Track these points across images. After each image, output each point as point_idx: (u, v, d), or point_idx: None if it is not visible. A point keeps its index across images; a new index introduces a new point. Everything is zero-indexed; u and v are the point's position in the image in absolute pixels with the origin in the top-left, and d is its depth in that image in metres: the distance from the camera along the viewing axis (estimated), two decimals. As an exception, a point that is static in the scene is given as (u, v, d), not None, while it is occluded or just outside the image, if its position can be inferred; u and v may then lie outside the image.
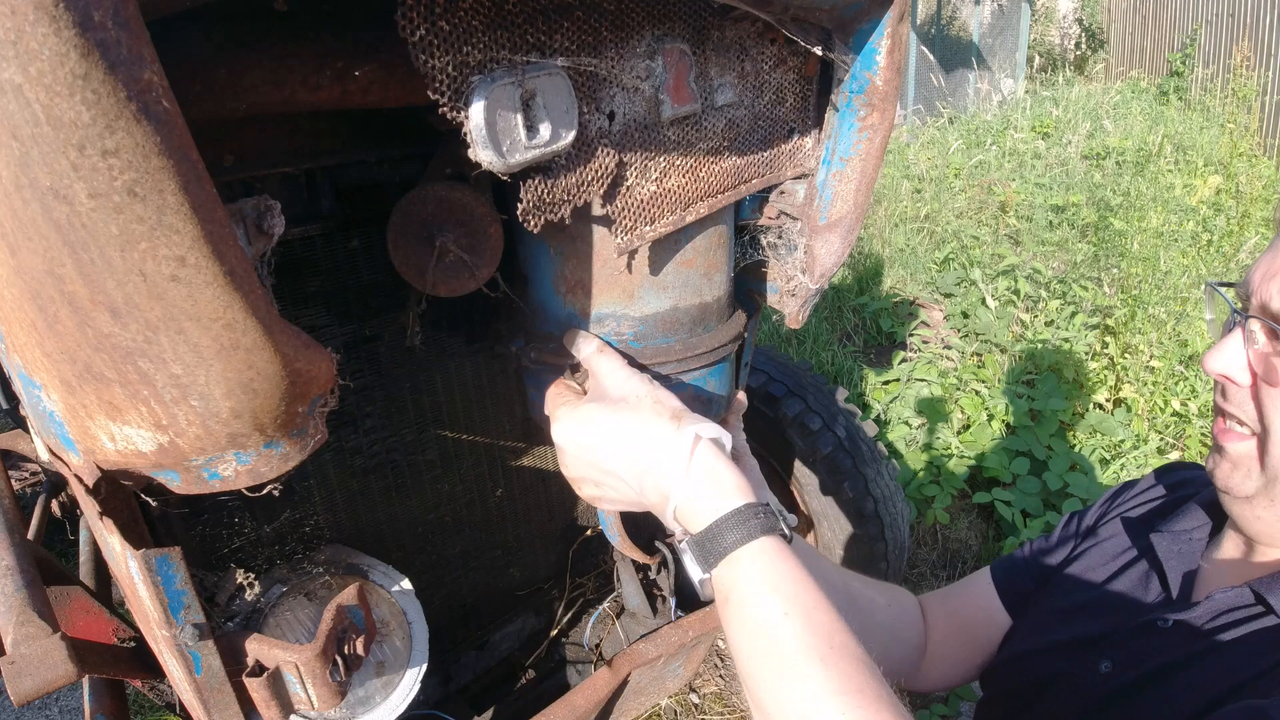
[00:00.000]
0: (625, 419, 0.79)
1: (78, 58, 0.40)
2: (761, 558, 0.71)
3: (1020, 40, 10.88)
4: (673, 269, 0.94)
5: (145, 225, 0.47)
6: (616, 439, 0.79)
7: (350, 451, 1.23)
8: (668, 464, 0.76)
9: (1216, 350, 0.83)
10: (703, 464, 0.76)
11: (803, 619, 0.67)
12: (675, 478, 0.75)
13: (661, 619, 1.68)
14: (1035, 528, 2.82)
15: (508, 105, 0.69)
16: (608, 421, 0.80)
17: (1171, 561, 0.94)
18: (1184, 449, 3.27)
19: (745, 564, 0.71)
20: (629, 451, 0.78)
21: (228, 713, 0.86)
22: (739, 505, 0.73)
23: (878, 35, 0.92)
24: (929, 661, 1.17)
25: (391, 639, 1.11)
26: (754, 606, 0.69)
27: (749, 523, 0.72)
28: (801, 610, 0.67)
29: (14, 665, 0.84)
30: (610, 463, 0.80)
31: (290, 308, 1.06)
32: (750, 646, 0.68)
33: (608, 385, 0.85)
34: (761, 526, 0.72)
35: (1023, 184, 6.13)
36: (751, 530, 0.72)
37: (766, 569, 0.70)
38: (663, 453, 0.76)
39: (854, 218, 1.06)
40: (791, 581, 0.69)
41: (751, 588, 0.70)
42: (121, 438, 0.62)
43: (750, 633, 0.68)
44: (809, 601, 0.68)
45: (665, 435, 0.77)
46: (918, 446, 3.29)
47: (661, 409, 0.79)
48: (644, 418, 0.79)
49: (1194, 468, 1.12)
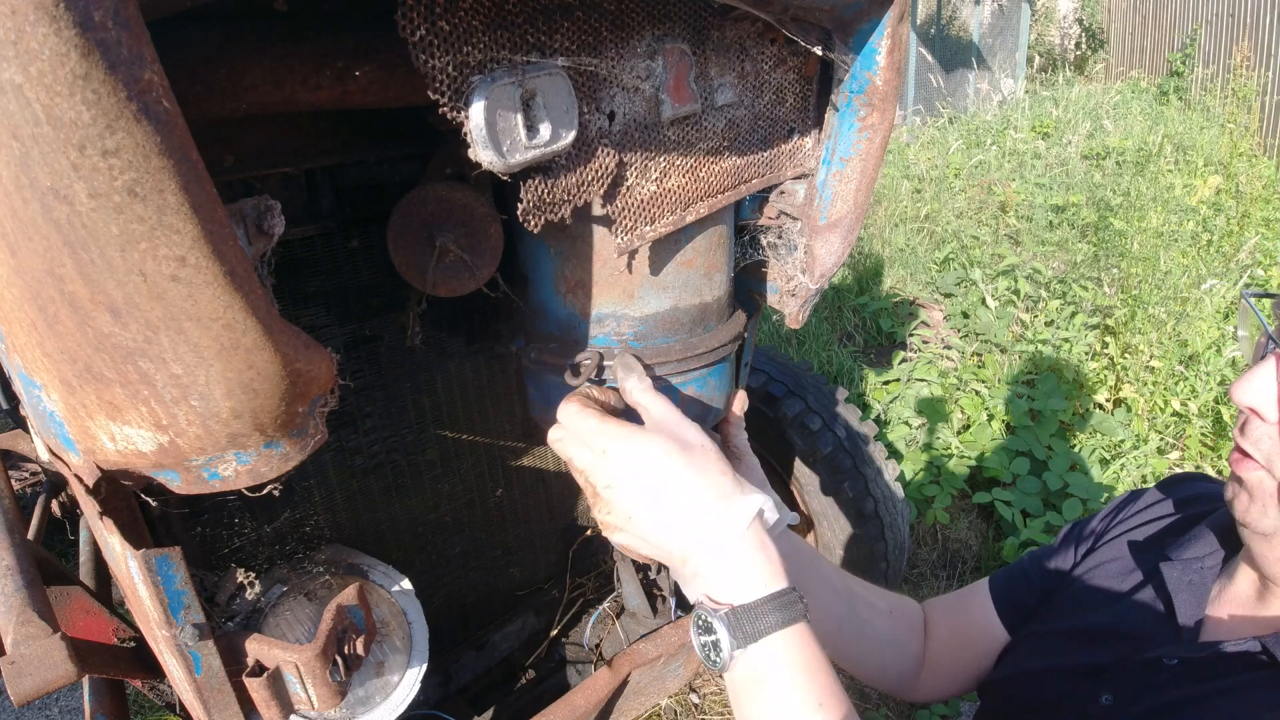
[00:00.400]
0: (690, 463, 0.76)
1: (78, 58, 0.40)
2: (802, 645, 0.71)
3: (1020, 40, 10.88)
4: (673, 269, 0.94)
5: (145, 225, 0.47)
6: (678, 480, 0.75)
7: (350, 451, 1.23)
8: (724, 524, 0.74)
9: (1246, 379, 0.77)
10: (756, 534, 0.74)
11: (834, 710, 0.69)
12: (725, 541, 0.73)
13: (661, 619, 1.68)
14: (1035, 528, 2.82)
15: (508, 105, 0.69)
16: (673, 459, 0.76)
17: (1181, 595, 0.90)
18: (1184, 449, 3.27)
19: (785, 648, 0.71)
20: (686, 497, 0.75)
21: (228, 713, 0.86)
22: (783, 588, 0.73)
23: (878, 35, 0.92)
24: (926, 671, 1.15)
25: (391, 639, 1.11)
26: (789, 692, 0.69)
27: (793, 607, 0.72)
28: (833, 704, 0.69)
29: (14, 665, 0.84)
30: (659, 500, 0.76)
31: (290, 308, 1.06)
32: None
33: (665, 425, 0.80)
34: (801, 613, 0.72)
35: (1023, 184, 6.13)
36: (794, 615, 0.71)
37: (805, 657, 0.71)
38: (722, 511, 0.74)
39: (854, 218, 1.06)
40: (826, 673, 0.71)
41: (790, 673, 0.70)
42: (121, 438, 0.62)
43: (776, 715, 0.69)
44: (839, 697, 0.70)
45: (729, 494, 0.75)
46: (918, 446, 3.29)
47: (725, 467, 0.77)
48: (709, 468, 0.76)
49: (1204, 480, 1.07)
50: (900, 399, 3.52)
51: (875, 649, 1.11)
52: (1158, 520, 1.04)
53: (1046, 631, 1.03)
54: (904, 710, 2.32)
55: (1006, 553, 2.78)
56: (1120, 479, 3.09)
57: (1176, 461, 3.24)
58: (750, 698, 0.71)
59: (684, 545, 0.75)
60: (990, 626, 1.11)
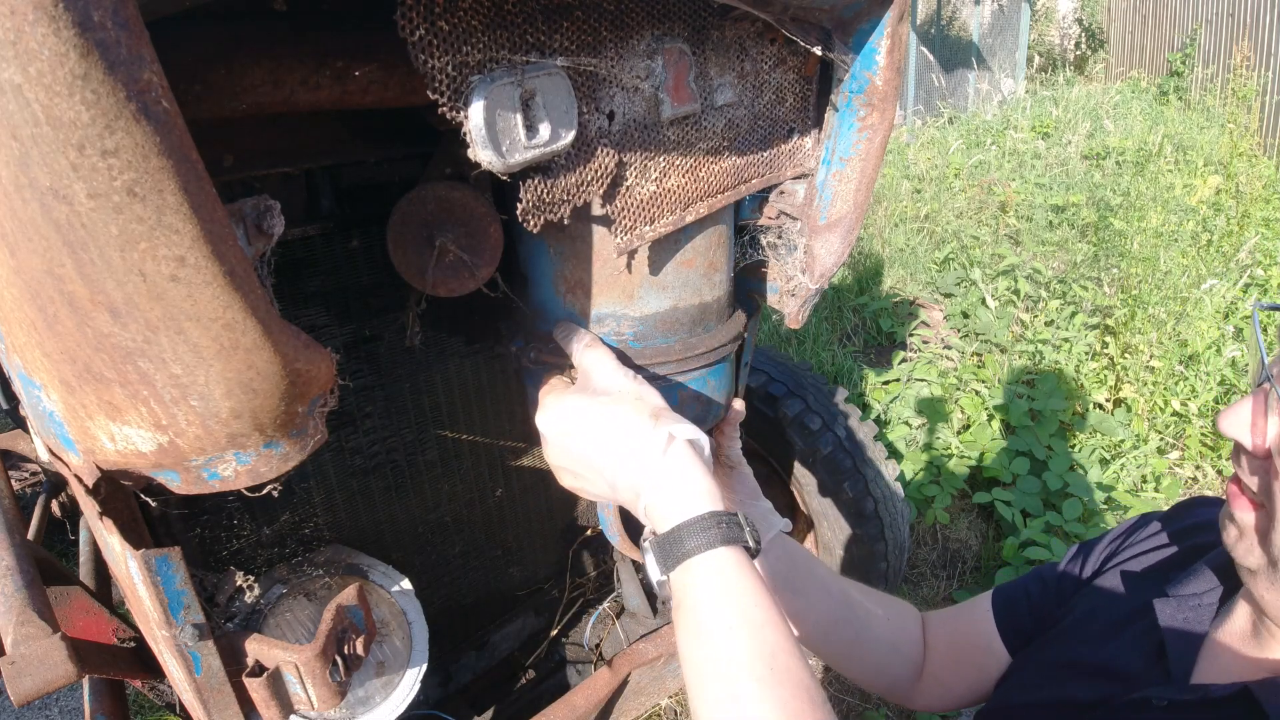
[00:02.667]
0: (604, 411, 0.80)
1: (77, 58, 0.40)
2: (718, 567, 0.71)
3: (1020, 40, 10.88)
4: (672, 269, 0.94)
5: (145, 225, 0.47)
6: (594, 430, 0.80)
7: (350, 451, 1.23)
8: (640, 460, 0.76)
9: (1233, 411, 0.76)
10: (675, 464, 0.76)
11: (749, 635, 0.67)
12: (646, 474, 0.76)
13: (661, 619, 1.68)
14: (1035, 528, 2.82)
15: (507, 105, 0.69)
16: (587, 412, 0.81)
17: (1174, 633, 0.87)
18: (1184, 449, 3.27)
19: (701, 571, 0.71)
20: (605, 444, 0.79)
21: (228, 713, 0.86)
22: (703, 512, 0.73)
23: (877, 35, 0.92)
24: (925, 681, 1.14)
25: (391, 639, 1.11)
26: (703, 615, 0.69)
27: (710, 531, 0.72)
28: (750, 626, 0.67)
29: (14, 665, 0.84)
30: (587, 453, 0.80)
31: (290, 308, 1.06)
32: (694, 655, 0.68)
33: (594, 379, 0.85)
34: (723, 536, 0.72)
35: (1023, 184, 6.13)
36: (712, 539, 0.72)
37: (721, 580, 0.70)
38: (637, 448, 0.77)
39: (854, 218, 1.06)
40: (744, 595, 0.69)
41: (703, 596, 0.70)
42: (121, 438, 0.62)
43: (696, 641, 0.69)
44: (759, 618, 0.68)
45: (641, 431, 0.77)
46: (918, 446, 3.29)
47: (642, 406, 0.80)
48: (623, 411, 0.79)
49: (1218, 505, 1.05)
50: (900, 399, 3.52)
51: (872, 653, 1.10)
52: (1163, 548, 1.01)
53: (1040, 662, 1.00)
54: (904, 710, 2.32)
55: (1006, 553, 2.79)
56: (1120, 479, 3.09)
57: (1176, 461, 3.24)
58: (676, 625, 0.71)
59: (622, 486, 0.78)
60: (991, 643, 1.10)
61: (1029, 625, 1.08)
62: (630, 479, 0.77)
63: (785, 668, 0.66)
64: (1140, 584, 0.98)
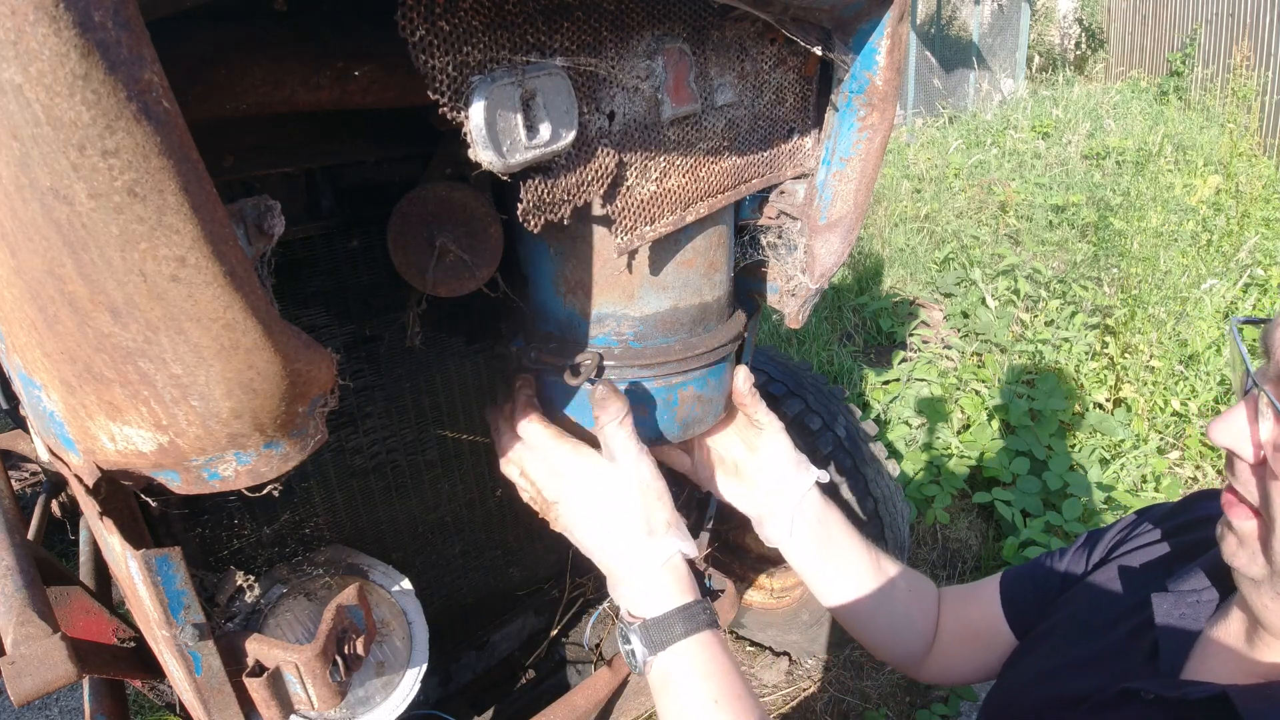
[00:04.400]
0: (630, 496, 0.89)
1: (78, 58, 0.40)
2: (702, 650, 0.83)
3: (1020, 40, 10.88)
4: (673, 269, 0.94)
5: (145, 225, 0.47)
6: (615, 507, 0.89)
7: (350, 451, 1.23)
8: (645, 556, 0.88)
9: (1224, 420, 0.76)
10: (670, 572, 0.88)
11: (728, 709, 0.80)
12: (640, 571, 0.88)
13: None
14: (1035, 527, 2.82)
15: (508, 105, 0.69)
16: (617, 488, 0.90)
17: (1169, 628, 0.88)
18: (1184, 449, 3.27)
19: (688, 653, 0.83)
20: (618, 525, 0.89)
21: (228, 713, 0.86)
22: (688, 601, 0.86)
23: (877, 35, 0.92)
24: (933, 656, 1.16)
25: (391, 639, 1.11)
26: (690, 691, 0.82)
27: (697, 617, 0.85)
28: (729, 701, 0.81)
29: (14, 665, 0.84)
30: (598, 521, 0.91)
31: (290, 308, 1.06)
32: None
33: (621, 458, 0.91)
34: (706, 622, 0.85)
35: (1023, 184, 6.13)
36: (699, 623, 0.84)
37: (706, 659, 0.83)
38: (641, 549, 0.88)
39: (854, 218, 1.06)
40: (725, 674, 0.83)
41: (690, 674, 0.83)
42: (121, 438, 0.62)
43: (681, 714, 0.82)
44: (737, 693, 0.82)
45: (655, 533, 0.89)
46: (918, 446, 3.29)
47: (661, 506, 0.90)
48: (647, 505, 0.89)
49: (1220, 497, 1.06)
50: (900, 399, 3.52)
51: (889, 624, 1.13)
52: (1164, 542, 1.02)
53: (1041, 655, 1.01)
54: (904, 710, 2.32)
55: (1006, 552, 2.79)
56: (1120, 479, 3.09)
57: (1176, 461, 3.24)
58: (661, 695, 0.84)
59: (613, 564, 0.90)
60: (998, 625, 1.12)
61: (1034, 612, 1.10)
62: (628, 565, 0.89)
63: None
64: (1141, 577, 0.98)
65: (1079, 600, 1.03)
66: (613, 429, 0.89)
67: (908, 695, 2.36)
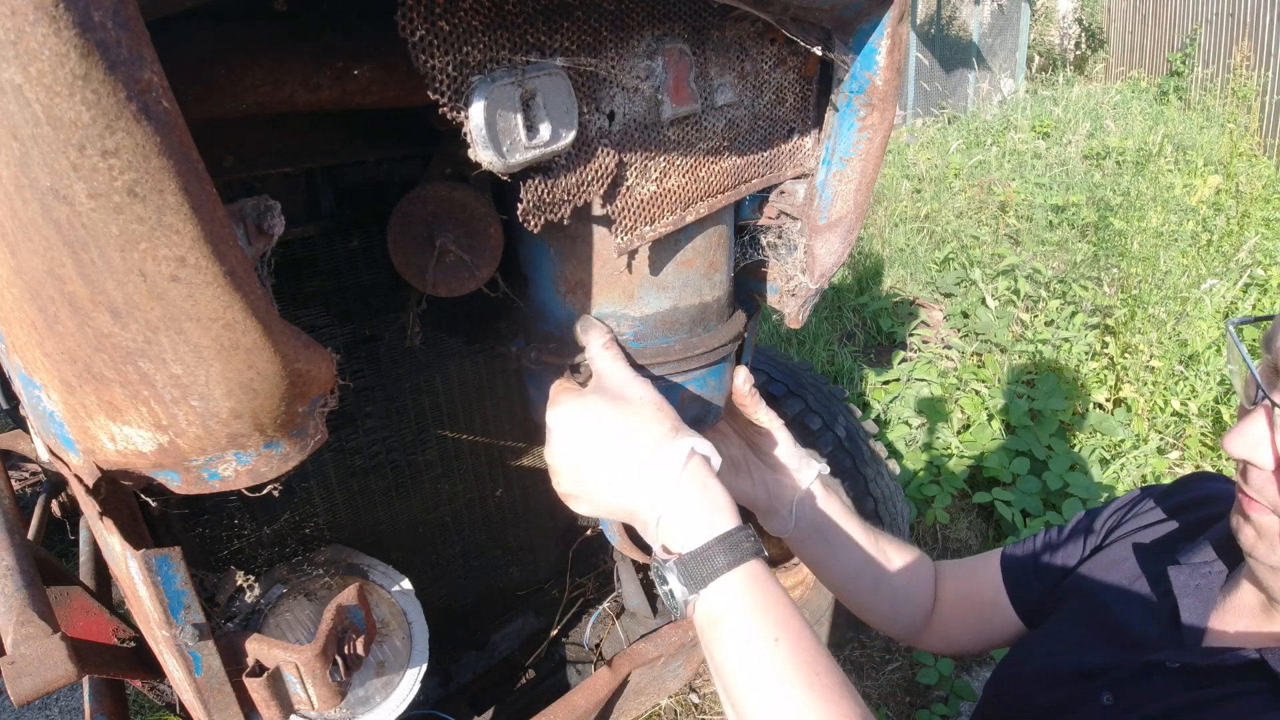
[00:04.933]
0: (623, 417, 0.77)
1: (78, 58, 0.40)
2: (752, 583, 0.71)
3: (1020, 40, 10.88)
4: (673, 269, 0.94)
5: (145, 225, 0.47)
6: (613, 434, 0.77)
7: (350, 451, 1.23)
8: (659, 473, 0.74)
9: (1238, 432, 0.77)
10: (695, 481, 0.74)
11: (791, 646, 0.68)
12: (665, 490, 0.74)
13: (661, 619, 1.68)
14: (1035, 527, 2.82)
15: (508, 105, 0.69)
16: (607, 414, 0.78)
17: (1187, 599, 0.90)
18: (1184, 449, 3.27)
19: (735, 587, 0.71)
20: (623, 451, 0.76)
21: (228, 713, 0.86)
22: (730, 528, 0.72)
23: (878, 35, 0.92)
24: (932, 628, 1.19)
25: (391, 639, 1.11)
26: (744, 631, 0.69)
27: (739, 546, 0.72)
28: (791, 638, 0.68)
29: (14, 665, 0.84)
30: (600, 458, 0.77)
31: (290, 308, 1.06)
32: (738, 670, 0.69)
33: (608, 382, 0.83)
34: (751, 550, 0.72)
35: (1023, 184, 6.13)
36: (743, 553, 0.71)
37: (757, 595, 0.71)
38: (655, 460, 0.75)
39: (854, 218, 1.06)
40: (780, 606, 0.70)
41: (743, 613, 0.70)
42: (121, 438, 0.62)
43: (739, 657, 0.69)
44: (797, 629, 0.69)
45: (662, 442, 0.75)
46: (918, 446, 3.29)
47: (663, 417, 0.78)
48: (642, 420, 0.77)
49: (1220, 480, 1.07)
50: (900, 399, 3.52)
51: (887, 600, 1.15)
52: (1168, 520, 1.04)
53: (1052, 632, 1.03)
54: (904, 710, 2.32)
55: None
56: (1120, 479, 3.09)
57: (1176, 461, 3.24)
58: (711, 641, 0.71)
59: (633, 499, 0.76)
60: (998, 599, 1.14)
61: (1036, 588, 1.12)
62: (646, 490, 0.75)
63: (828, 671, 0.67)
64: (1150, 552, 1.00)
65: (1085, 580, 1.05)
66: (599, 353, 0.85)
67: (908, 695, 2.36)
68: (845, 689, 0.67)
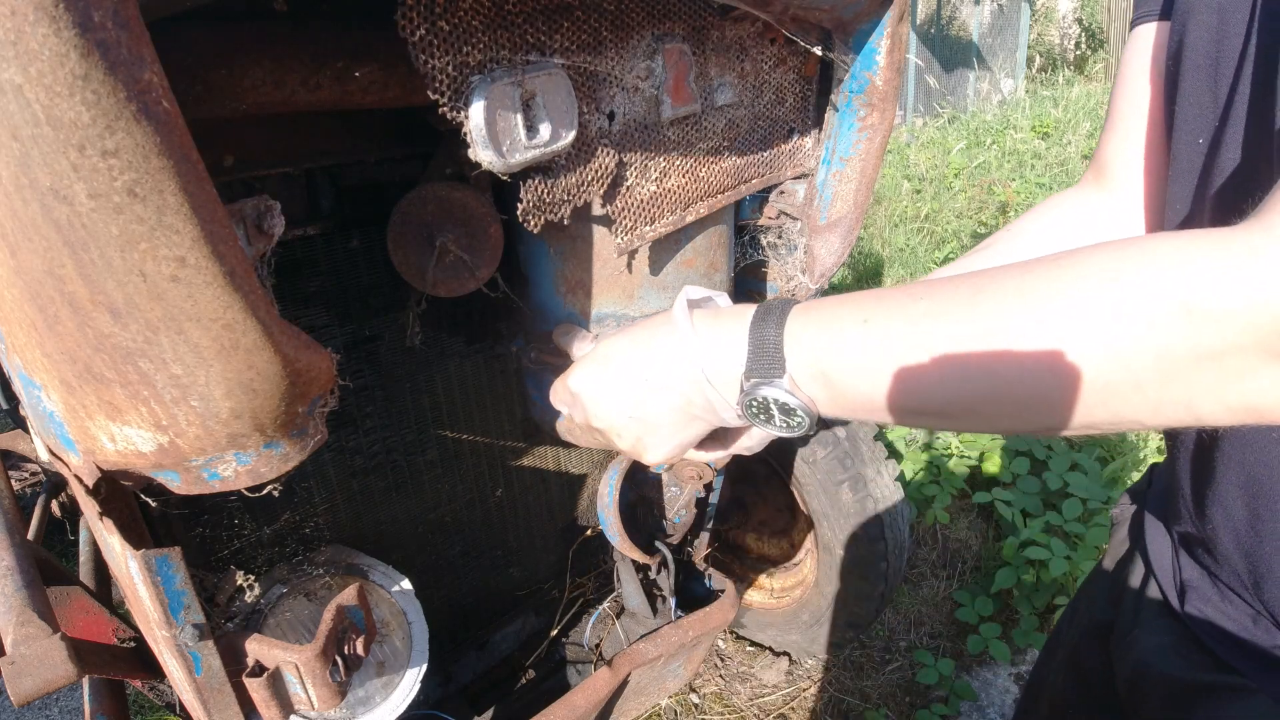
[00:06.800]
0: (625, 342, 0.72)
1: (78, 58, 0.40)
2: (807, 315, 0.60)
3: (1020, 40, 10.88)
4: (673, 269, 0.94)
5: (145, 226, 0.47)
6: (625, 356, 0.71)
7: (350, 451, 1.23)
8: (676, 342, 0.67)
9: None
10: (703, 318, 0.67)
11: (888, 313, 0.56)
12: (689, 345, 0.66)
13: (661, 619, 1.68)
14: (1035, 527, 2.82)
15: (508, 105, 0.69)
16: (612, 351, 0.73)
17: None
18: (1184, 449, 3.27)
19: (807, 338, 0.59)
20: (640, 355, 0.70)
21: (228, 713, 0.86)
22: (751, 313, 0.63)
23: (877, 35, 0.92)
24: None
25: (391, 639, 1.11)
26: (847, 350, 0.57)
27: (772, 310, 0.61)
28: (879, 311, 0.56)
29: (14, 665, 0.84)
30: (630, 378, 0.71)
31: (290, 308, 1.06)
32: (904, 359, 0.55)
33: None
34: (781, 305, 0.62)
35: (1023, 184, 6.13)
36: (781, 310, 0.61)
37: (823, 317, 0.59)
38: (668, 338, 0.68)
39: (854, 218, 1.06)
40: (841, 302, 0.59)
41: (831, 347, 0.58)
42: (121, 438, 0.62)
43: (899, 367, 0.55)
44: (871, 297, 0.58)
45: (659, 324, 0.70)
46: (918, 446, 3.29)
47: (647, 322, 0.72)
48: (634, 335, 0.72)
49: None
50: (900, 399, 3.52)
51: None
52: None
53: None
54: (904, 710, 2.32)
55: (1006, 552, 2.78)
56: (1120, 479, 3.09)
57: (1176, 461, 3.24)
58: (839, 390, 0.59)
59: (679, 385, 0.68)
60: None
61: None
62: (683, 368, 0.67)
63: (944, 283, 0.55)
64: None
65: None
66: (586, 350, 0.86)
67: (908, 695, 2.36)
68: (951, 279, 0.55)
